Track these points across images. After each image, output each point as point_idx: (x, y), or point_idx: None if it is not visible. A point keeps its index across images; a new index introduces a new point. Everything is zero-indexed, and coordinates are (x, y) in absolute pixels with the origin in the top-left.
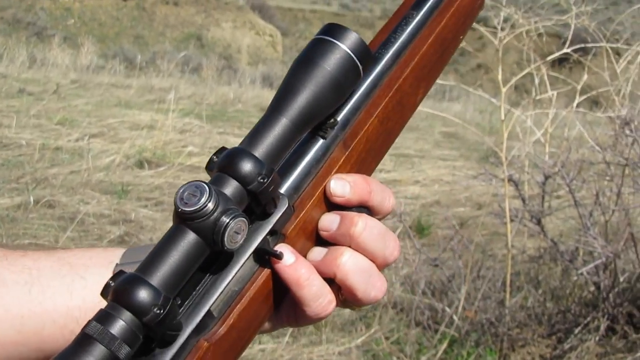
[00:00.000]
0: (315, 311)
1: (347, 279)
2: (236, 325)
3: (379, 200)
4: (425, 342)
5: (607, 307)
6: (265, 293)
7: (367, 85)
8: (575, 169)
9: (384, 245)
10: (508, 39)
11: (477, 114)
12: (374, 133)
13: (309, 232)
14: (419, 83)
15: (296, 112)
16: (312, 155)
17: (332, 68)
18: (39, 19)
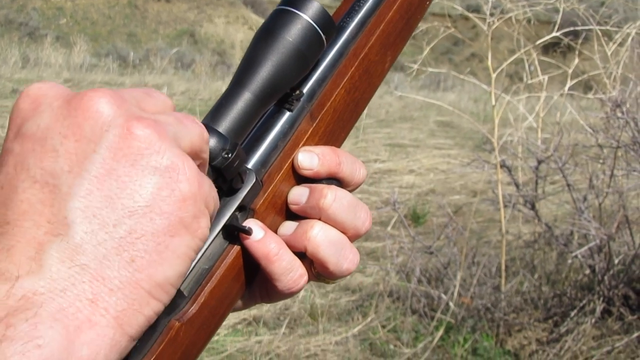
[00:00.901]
0: (287, 286)
1: (318, 252)
2: (208, 304)
3: (349, 171)
4: (421, 329)
5: (603, 289)
6: (236, 270)
7: (333, 55)
8: (567, 153)
9: (354, 216)
10: (497, 24)
11: (471, 103)
12: (342, 103)
13: (278, 207)
14: (385, 51)
15: (259, 85)
16: (279, 129)
17: (294, 39)
18: (31, 19)
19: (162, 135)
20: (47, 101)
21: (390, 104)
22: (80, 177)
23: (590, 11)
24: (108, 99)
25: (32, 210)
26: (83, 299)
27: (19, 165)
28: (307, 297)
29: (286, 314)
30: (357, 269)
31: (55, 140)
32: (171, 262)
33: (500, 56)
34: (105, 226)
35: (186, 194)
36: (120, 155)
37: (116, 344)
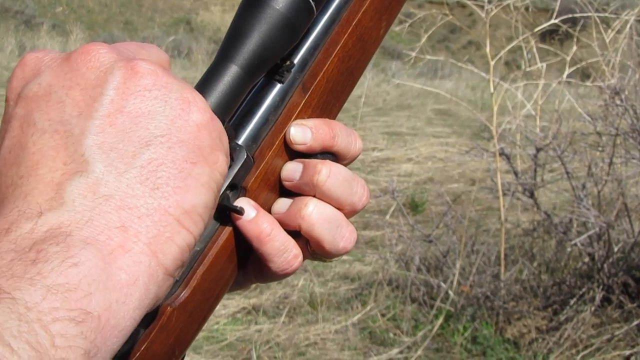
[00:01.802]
0: (281, 267)
1: (313, 231)
2: (200, 287)
3: (344, 145)
4: (421, 317)
5: (602, 277)
6: (228, 251)
7: (324, 22)
8: (566, 141)
9: (350, 192)
10: (494, 12)
11: (469, 91)
12: (335, 73)
13: (271, 184)
14: (380, 16)
15: (246, 57)
16: (270, 102)
17: (281, 7)
18: (27, 7)
19: (167, 72)
20: (45, 64)
21: (387, 92)
22: (92, 118)
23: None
24: (106, 49)
25: (45, 159)
26: (112, 227)
27: (24, 124)
28: (307, 285)
29: (286, 303)
30: (356, 257)
31: (60, 93)
32: (195, 190)
33: (497, 44)
34: (124, 157)
35: (200, 123)
36: (129, 93)
37: (153, 274)
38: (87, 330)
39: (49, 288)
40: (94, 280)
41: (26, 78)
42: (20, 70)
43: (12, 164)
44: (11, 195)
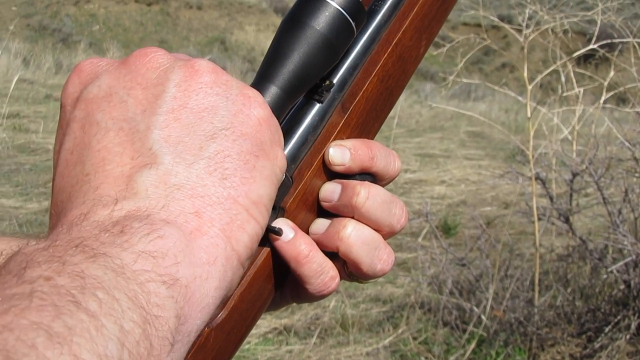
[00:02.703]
0: (317, 288)
1: (351, 253)
2: (238, 308)
3: (383, 166)
4: (453, 342)
5: (638, 305)
6: (266, 272)
7: (364, 41)
8: (603, 166)
9: (389, 214)
10: (533, 36)
11: (502, 113)
12: (374, 92)
13: (310, 204)
14: (420, 35)
15: (285, 78)
16: (309, 122)
17: (321, 27)
18: (65, 26)
19: (224, 71)
20: (102, 68)
21: (420, 113)
22: (156, 114)
23: (627, 22)
24: (163, 51)
25: (111, 155)
26: (187, 213)
27: (86, 125)
28: (338, 307)
29: (317, 324)
30: (388, 279)
31: (121, 94)
32: (260, 182)
33: (532, 66)
34: (191, 150)
35: (261, 118)
36: (190, 90)
37: (229, 257)
38: (177, 295)
39: (139, 253)
40: (180, 252)
41: (83, 82)
42: (76, 76)
43: (76, 163)
44: (78, 191)
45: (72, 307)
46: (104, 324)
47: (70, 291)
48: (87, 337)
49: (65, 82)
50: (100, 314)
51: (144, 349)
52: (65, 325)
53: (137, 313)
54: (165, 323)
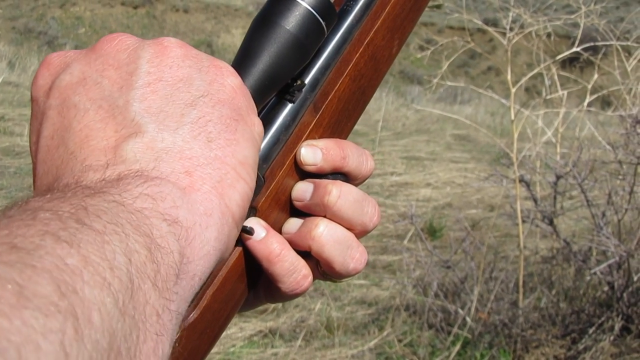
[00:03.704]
0: (290, 287)
1: (324, 252)
2: (210, 307)
3: (355, 165)
4: (438, 344)
5: (622, 306)
6: (239, 272)
7: (336, 41)
8: (587, 168)
9: (361, 212)
10: (517, 39)
11: (488, 117)
12: (347, 92)
13: (282, 203)
14: (392, 35)
15: (256, 78)
16: (281, 122)
17: (292, 27)
18: (50, 28)
19: (192, 47)
20: (70, 57)
21: (406, 116)
22: (133, 89)
23: (610, 26)
24: (128, 34)
25: (94, 131)
26: (178, 173)
27: (63, 109)
28: (324, 309)
29: (302, 327)
30: (373, 282)
31: (95, 76)
32: (244, 143)
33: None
34: (173, 117)
35: (235, 86)
36: (162, 65)
37: (224, 213)
38: (178, 234)
39: (138, 195)
40: (179, 198)
41: (54, 74)
42: (46, 68)
43: (58, 146)
44: (65, 168)
45: (77, 225)
46: (110, 240)
47: (74, 214)
48: (95, 246)
49: (35, 76)
50: (105, 232)
51: (152, 270)
52: (72, 234)
53: (142, 239)
54: (169, 254)
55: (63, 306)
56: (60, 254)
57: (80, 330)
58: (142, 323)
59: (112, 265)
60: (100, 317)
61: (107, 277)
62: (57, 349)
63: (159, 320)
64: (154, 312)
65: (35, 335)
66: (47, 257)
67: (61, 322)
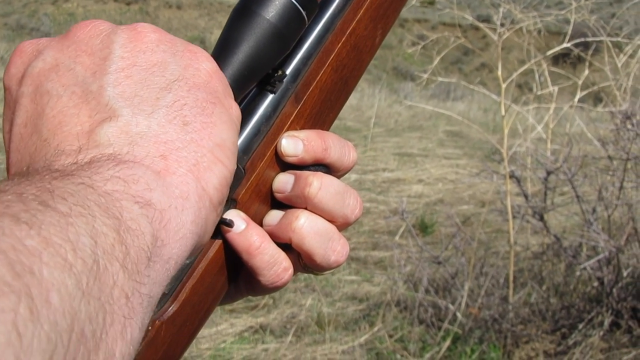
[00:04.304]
0: (270, 280)
1: (304, 244)
2: (189, 301)
3: (337, 156)
4: (428, 339)
5: (611, 302)
6: (218, 264)
7: (318, 31)
8: (577, 164)
9: (342, 204)
10: (507, 34)
11: (480, 113)
12: (329, 83)
13: (263, 196)
14: (375, 24)
15: (235, 68)
16: (261, 113)
17: (271, 16)
18: (43, 25)
19: (168, 33)
20: (43, 45)
21: (399, 113)
22: (107, 73)
23: (601, 22)
24: (102, 20)
25: (68, 117)
26: (152, 157)
27: (36, 96)
28: (314, 305)
29: (293, 323)
30: (365, 277)
31: (67, 62)
32: (221, 125)
33: (510, 66)
34: (148, 101)
35: (210, 69)
36: (137, 50)
37: (202, 196)
38: (151, 216)
39: (110, 178)
40: (153, 181)
41: (26, 62)
42: (18, 57)
43: (31, 134)
44: (38, 155)
45: (40, 207)
46: (75, 222)
47: (38, 196)
48: (57, 228)
49: (7, 64)
50: (70, 215)
51: (120, 252)
52: (33, 215)
53: (110, 221)
54: (140, 236)
55: (17, 286)
56: (18, 235)
57: (35, 310)
58: (109, 305)
59: (75, 247)
60: (59, 298)
61: (68, 258)
62: (9, 329)
63: (127, 303)
64: (123, 294)
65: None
66: (3, 239)
67: (14, 301)
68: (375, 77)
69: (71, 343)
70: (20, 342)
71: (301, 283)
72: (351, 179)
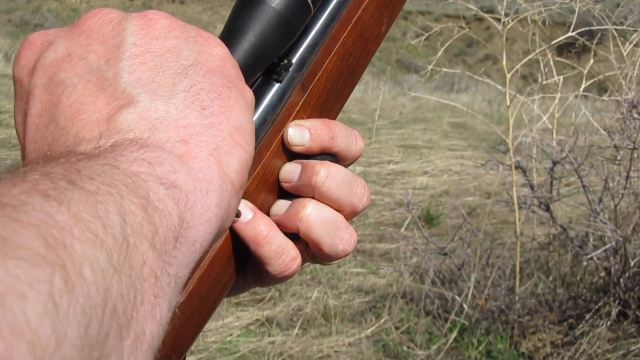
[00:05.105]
0: (278, 269)
1: (312, 233)
2: (197, 291)
3: (344, 145)
4: (435, 331)
5: (618, 292)
6: (226, 254)
7: (324, 20)
8: (583, 154)
9: (350, 193)
10: (512, 24)
11: (485, 104)
12: (335, 71)
13: (270, 185)
14: (381, 12)
15: (240, 57)
16: (268, 102)
17: (276, 4)
18: (46, 21)
19: (179, 20)
20: (53, 35)
21: (403, 105)
22: (121, 60)
23: (606, 11)
24: (111, 9)
25: (85, 105)
26: (174, 141)
27: (50, 86)
28: (320, 298)
29: (299, 315)
30: (370, 269)
31: (80, 51)
32: (238, 109)
33: (514, 57)
34: (165, 86)
35: (223, 54)
36: (149, 37)
37: (224, 180)
38: (177, 197)
39: (134, 160)
40: (177, 164)
41: (36, 53)
42: (28, 48)
43: (48, 124)
44: (56, 144)
45: (69, 185)
46: (104, 200)
47: (66, 175)
48: (86, 205)
49: (17, 56)
50: (98, 193)
51: (149, 231)
52: (62, 193)
53: (138, 200)
54: (167, 217)
55: (51, 258)
56: (48, 211)
57: (70, 282)
58: (140, 283)
59: (105, 223)
60: (92, 272)
61: (99, 234)
62: (45, 299)
63: (157, 282)
64: (152, 273)
65: (20, 284)
66: (34, 213)
67: (49, 272)
68: (380, 70)
69: (104, 318)
70: (57, 312)
71: (307, 275)
72: (356, 171)
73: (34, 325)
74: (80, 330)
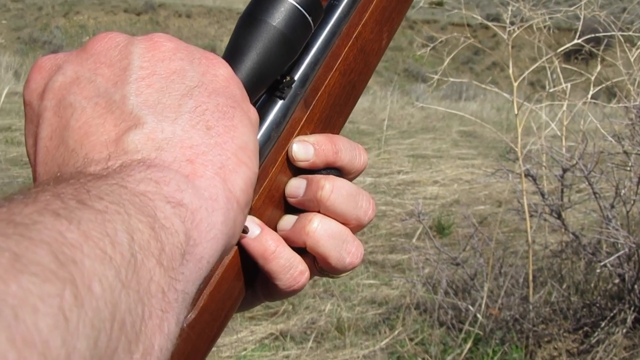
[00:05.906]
0: (287, 284)
1: (319, 247)
2: (208, 307)
3: (348, 159)
4: (449, 341)
5: (633, 298)
6: (235, 270)
7: (324, 36)
8: (593, 160)
9: (355, 206)
10: (517, 32)
11: (494, 112)
12: (337, 87)
13: (276, 201)
14: (381, 27)
15: (243, 75)
16: (272, 119)
17: (278, 23)
18: (55, 38)
19: (183, 42)
20: (61, 59)
21: (412, 114)
22: (128, 83)
23: (612, 17)
24: (118, 32)
25: (93, 128)
26: (180, 161)
27: (60, 109)
28: (334, 310)
29: (313, 328)
30: (383, 281)
31: (88, 75)
32: (242, 129)
33: (521, 64)
34: (171, 108)
35: (227, 75)
36: (154, 60)
37: (229, 199)
38: (183, 216)
39: (142, 179)
40: (183, 183)
41: (45, 77)
42: (37, 72)
43: (58, 146)
44: (66, 166)
45: (78, 205)
46: (112, 219)
47: (75, 195)
48: (95, 223)
49: (27, 80)
50: (107, 212)
51: (156, 249)
52: (71, 212)
53: (145, 219)
54: (174, 234)
55: (61, 274)
56: (59, 229)
57: (80, 297)
58: (147, 299)
59: (113, 241)
60: (101, 287)
61: (108, 251)
62: (56, 312)
63: (164, 297)
64: (159, 289)
65: (32, 298)
66: (45, 231)
67: (59, 287)
68: (387, 80)
69: (113, 331)
70: (67, 325)
71: (320, 288)
72: (366, 182)
73: (45, 337)
74: (89, 343)
